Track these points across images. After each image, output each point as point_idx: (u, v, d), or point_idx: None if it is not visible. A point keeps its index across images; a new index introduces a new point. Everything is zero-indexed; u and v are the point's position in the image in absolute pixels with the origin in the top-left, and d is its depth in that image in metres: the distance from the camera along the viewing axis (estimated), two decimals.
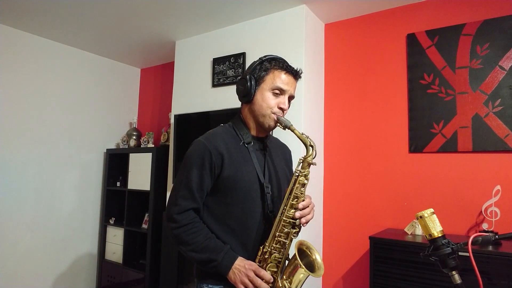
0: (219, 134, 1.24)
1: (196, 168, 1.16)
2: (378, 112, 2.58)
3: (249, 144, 1.24)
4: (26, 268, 3.12)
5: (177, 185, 1.20)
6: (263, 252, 1.16)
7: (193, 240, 1.14)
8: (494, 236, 0.93)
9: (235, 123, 1.29)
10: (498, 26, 2.19)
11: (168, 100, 3.57)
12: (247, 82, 1.23)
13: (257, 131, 1.28)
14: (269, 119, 1.22)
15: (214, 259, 1.12)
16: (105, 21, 2.94)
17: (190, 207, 1.16)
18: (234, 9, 2.66)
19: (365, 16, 2.70)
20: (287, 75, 1.24)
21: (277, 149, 1.38)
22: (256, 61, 1.27)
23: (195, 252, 1.14)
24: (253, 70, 1.24)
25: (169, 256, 3.04)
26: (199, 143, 1.20)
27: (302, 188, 1.19)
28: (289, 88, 1.24)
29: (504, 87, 2.14)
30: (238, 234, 1.18)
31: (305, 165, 1.19)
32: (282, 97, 1.24)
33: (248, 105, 1.26)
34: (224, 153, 1.17)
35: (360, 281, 2.50)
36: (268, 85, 1.22)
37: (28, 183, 3.17)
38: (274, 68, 1.24)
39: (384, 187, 2.50)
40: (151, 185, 3.26)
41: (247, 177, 1.19)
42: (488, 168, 2.17)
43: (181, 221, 1.15)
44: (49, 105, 3.34)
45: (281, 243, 1.17)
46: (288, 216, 1.17)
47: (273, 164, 1.30)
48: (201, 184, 1.17)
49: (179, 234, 1.15)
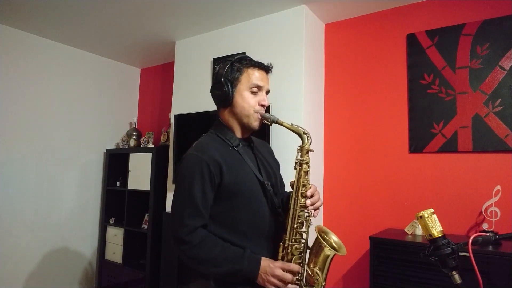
0: (209, 143, 1.20)
1: (196, 183, 1.12)
2: (378, 112, 2.58)
3: (238, 147, 1.22)
4: (26, 268, 3.12)
5: (180, 204, 1.15)
6: (285, 247, 1.17)
7: (211, 255, 1.10)
8: (494, 236, 0.93)
9: (217, 130, 1.26)
10: (498, 26, 2.19)
11: (168, 100, 3.57)
12: (224, 86, 1.20)
13: (242, 133, 1.27)
14: (253, 118, 1.22)
15: (238, 269, 1.09)
16: (105, 21, 2.94)
17: (199, 225, 1.12)
18: (234, 9, 2.66)
19: (365, 16, 2.70)
20: (260, 71, 1.24)
21: (261, 145, 1.40)
22: (225, 64, 1.25)
23: (216, 267, 1.10)
24: (225, 74, 1.22)
25: (169, 256, 3.04)
26: (192, 156, 1.16)
27: (307, 176, 1.20)
28: (264, 83, 1.24)
29: (504, 87, 2.14)
30: (251, 237, 1.17)
31: (304, 153, 1.20)
32: (260, 93, 1.23)
33: (228, 108, 1.24)
34: (220, 161, 1.14)
35: (360, 281, 2.50)
36: (244, 85, 1.21)
37: (28, 183, 3.17)
38: (246, 66, 1.23)
39: (384, 187, 2.50)
40: (151, 185, 3.26)
41: (247, 179, 1.18)
42: (488, 168, 2.16)
43: (193, 241, 1.10)
44: (49, 105, 3.34)
45: (300, 234, 1.18)
46: (301, 205, 1.18)
47: (265, 160, 1.32)
48: (205, 198, 1.13)
49: (194, 254, 1.11)
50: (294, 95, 2.53)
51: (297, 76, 2.54)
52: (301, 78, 2.52)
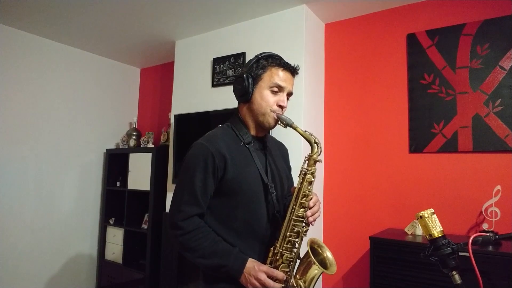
0: (219, 135, 1.20)
1: (199, 172, 1.12)
2: (378, 112, 2.58)
3: (250, 144, 1.21)
4: (26, 268, 3.12)
5: (179, 190, 1.16)
6: (274, 253, 1.15)
7: (200, 246, 1.11)
8: (494, 236, 0.93)
9: (233, 123, 1.26)
10: (498, 26, 2.19)
11: (168, 100, 3.57)
12: (244, 81, 1.19)
13: (256, 131, 1.26)
14: (269, 117, 1.20)
15: (224, 264, 1.09)
16: (105, 21, 2.94)
17: (195, 213, 1.13)
18: (234, 9, 2.66)
19: (365, 16, 2.69)
20: (285, 72, 1.22)
21: (275, 147, 1.37)
22: (252, 59, 1.24)
23: (203, 258, 1.11)
24: (249, 69, 1.21)
25: (169, 256, 3.04)
26: (200, 145, 1.16)
27: (310, 186, 1.18)
28: (287, 85, 1.22)
29: (504, 87, 2.14)
30: (244, 236, 1.16)
31: (311, 163, 1.18)
32: (280, 94, 1.21)
33: (246, 104, 1.23)
34: (226, 155, 1.14)
35: (360, 281, 2.50)
36: (266, 83, 1.20)
37: (28, 183, 3.17)
38: (271, 65, 1.21)
39: (384, 187, 2.50)
40: (151, 185, 3.26)
41: (250, 178, 1.17)
42: (488, 168, 2.16)
43: (186, 228, 1.11)
44: (49, 105, 3.34)
45: (292, 243, 1.16)
46: (298, 215, 1.15)
47: (274, 163, 1.29)
48: (205, 188, 1.13)
49: (185, 241, 1.11)
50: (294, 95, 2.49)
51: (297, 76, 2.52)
52: (301, 78, 2.52)
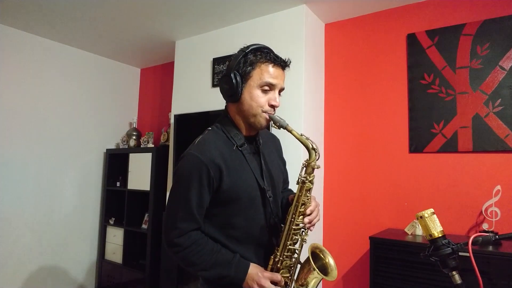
0: (212, 142, 1.12)
1: (193, 187, 1.06)
2: (378, 112, 2.58)
3: (243, 147, 1.15)
4: (26, 268, 3.12)
5: (173, 206, 1.11)
6: (275, 261, 1.13)
7: (200, 259, 1.08)
8: (494, 236, 0.93)
9: (224, 125, 1.18)
10: (498, 26, 2.19)
11: (168, 100, 3.57)
12: (232, 80, 1.10)
13: (248, 131, 1.19)
14: (260, 118, 1.12)
15: (226, 274, 1.07)
16: (105, 21, 2.94)
17: (191, 229, 1.09)
18: (234, 9, 2.66)
19: (365, 16, 2.69)
20: (275, 68, 1.13)
21: (268, 142, 1.31)
22: (238, 53, 1.13)
23: (205, 271, 1.08)
24: (237, 66, 1.12)
25: (169, 256, 3.04)
26: (192, 157, 1.08)
27: (308, 193, 1.15)
28: (278, 81, 1.13)
29: (504, 87, 2.14)
30: (243, 243, 1.14)
31: (309, 170, 1.13)
32: (272, 92, 1.13)
33: (236, 104, 1.15)
34: (221, 164, 1.08)
35: (360, 281, 2.50)
36: (256, 82, 1.11)
37: (28, 183, 3.17)
38: (260, 61, 1.11)
39: (384, 187, 2.50)
40: (151, 185, 3.26)
41: (247, 185, 1.13)
42: (488, 168, 2.16)
43: (183, 244, 1.07)
44: (49, 105, 3.34)
45: (292, 251, 1.14)
46: (297, 223, 1.13)
47: (269, 163, 1.24)
48: (200, 202, 1.08)
49: (184, 256, 1.08)
50: (294, 95, 2.53)
51: (297, 76, 2.53)
52: (301, 77, 2.52)
